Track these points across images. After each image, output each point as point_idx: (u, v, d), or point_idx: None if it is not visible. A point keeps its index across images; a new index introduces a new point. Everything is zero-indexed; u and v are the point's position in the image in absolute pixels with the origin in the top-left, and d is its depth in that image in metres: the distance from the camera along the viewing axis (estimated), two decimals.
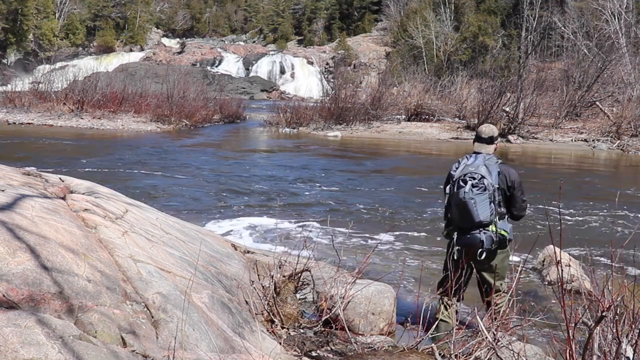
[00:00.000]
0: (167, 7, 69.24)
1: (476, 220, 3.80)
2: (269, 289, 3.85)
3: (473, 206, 3.79)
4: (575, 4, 38.56)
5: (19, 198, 3.12)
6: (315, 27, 64.75)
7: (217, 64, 54.32)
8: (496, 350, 3.01)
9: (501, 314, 3.46)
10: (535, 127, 21.67)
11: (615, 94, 25.14)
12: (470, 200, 3.79)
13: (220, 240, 5.00)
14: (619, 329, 2.56)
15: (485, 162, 3.93)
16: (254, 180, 11.65)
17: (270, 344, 3.17)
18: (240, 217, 8.30)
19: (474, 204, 3.79)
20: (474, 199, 3.79)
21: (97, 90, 23.83)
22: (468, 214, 3.80)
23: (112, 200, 4.00)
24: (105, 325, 2.41)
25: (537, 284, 5.61)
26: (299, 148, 18.33)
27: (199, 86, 28.31)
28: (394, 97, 26.33)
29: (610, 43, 30.37)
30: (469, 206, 3.79)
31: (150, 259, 3.13)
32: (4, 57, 49.77)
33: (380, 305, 4.03)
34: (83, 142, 17.24)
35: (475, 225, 3.82)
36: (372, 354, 3.33)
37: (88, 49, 56.61)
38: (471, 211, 3.79)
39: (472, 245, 3.84)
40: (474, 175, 3.84)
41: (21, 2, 48.15)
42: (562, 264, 3.81)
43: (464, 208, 3.81)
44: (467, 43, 44.85)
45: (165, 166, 12.87)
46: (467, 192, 3.81)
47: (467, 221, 3.83)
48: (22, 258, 2.47)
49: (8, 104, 23.67)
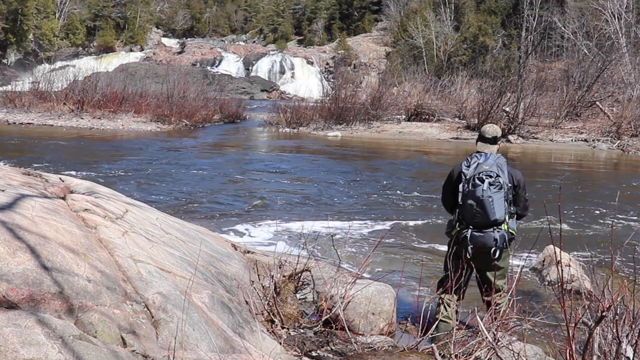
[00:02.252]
0: (167, 7, 69.27)
1: (492, 218, 3.79)
2: (269, 289, 3.85)
3: (490, 204, 3.77)
4: (575, 4, 38.57)
5: (19, 198, 3.12)
6: (316, 27, 64.78)
7: (217, 64, 54.38)
8: (496, 350, 3.01)
9: (501, 314, 3.46)
10: (535, 127, 21.67)
11: (615, 94, 25.15)
12: (488, 199, 3.78)
13: (220, 240, 5.00)
14: (619, 329, 2.56)
15: (496, 161, 3.92)
16: (254, 180, 11.66)
17: (270, 344, 3.17)
18: (240, 217, 8.30)
19: (491, 202, 3.77)
20: (491, 197, 3.78)
21: (97, 90, 23.85)
22: (485, 212, 3.79)
23: (112, 200, 3.99)
24: (106, 325, 2.41)
25: (537, 284, 5.61)
26: (299, 148, 18.33)
27: (199, 86, 28.34)
28: (394, 97, 26.33)
29: (610, 43, 30.38)
30: (486, 204, 3.78)
31: (150, 259, 3.13)
32: (4, 57, 49.80)
33: (381, 305, 4.03)
34: (83, 142, 17.24)
35: (490, 223, 3.81)
36: (372, 354, 3.33)
37: (88, 49, 56.66)
38: (488, 209, 3.78)
39: (486, 244, 3.82)
40: (490, 174, 3.82)
41: (21, 2, 48.18)
42: (562, 264, 3.81)
43: (482, 206, 3.79)
44: (467, 43, 44.88)
45: (165, 166, 12.87)
46: (485, 190, 3.79)
47: (483, 219, 3.81)
48: (22, 258, 2.47)
49: (8, 104, 23.70)
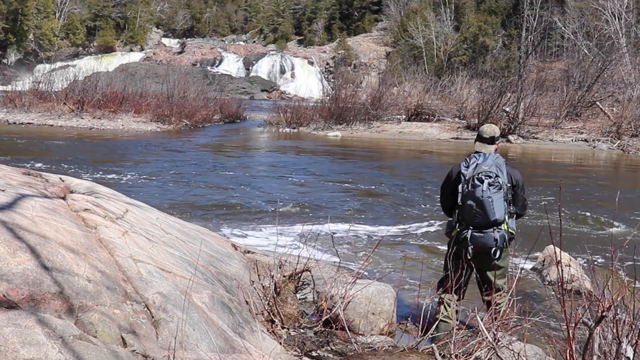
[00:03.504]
0: (167, 7, 69.29)
1: (492, 218, 3.79)
2: (269, 289, 3.84)
3: (490, 205, 3.78)
4: (576, 4, 38.56)
5: (19, 198, 3.12)
6: (316, 27, 64.80)
7: (217, 64, 54.40)
8: (496, 350, 3.01)
9: (501, 314, 3.46)
10: (535, 127, 21.68)
11: (616, 94, 25.16)
12: (487, 199, 3.78)
13: (221, 240, 4.99)
14: (619, 329, 2.56)
15: (495, 161, 3.93)
16: (254, 180, 11.66)
17: (270, 344, 3.17)
18: (241, 217, 8.30)
19: (491, 203, 3.78)
20: (491, 197, 3.78)
21: (97, 90, 23.84)
22: (485, 212, 3.79)
23: (112, 200, 3.99)
24: (106, 325, 2.41)
25: (537, 284, 5.61)
26: (299, 148, 18.33)
27: (199, 86, 28.35)
28: (394, 97, 26.34)
29: (611, 43, 30.39)
30: (486, 205, 3.78)
31: (150, 258, 3.13)
32: (4, 57, 49.83)
33: (381, 305, 4.03)
34: (83, 142, 17.24)
35: (490, 224, 3.81)
36: (372, 354, 3.33)
37: (88, 49, 56.69)
38: (488, 210, 3.78)
39: (486, 245, 3.83)
40: (489, 174, 3.83)
41: (21, 2, 48.20)
42: (562, 264, 3.81)
43: (482, 206, 3.80)
44: (468, 43, 44.88)
45: (165, 166, 12.87)
46: (484, 190, 3.79)
47: (483, 220, 3.82)
48: (22, 258, 2.47)
49: (8, 103, 23.68)
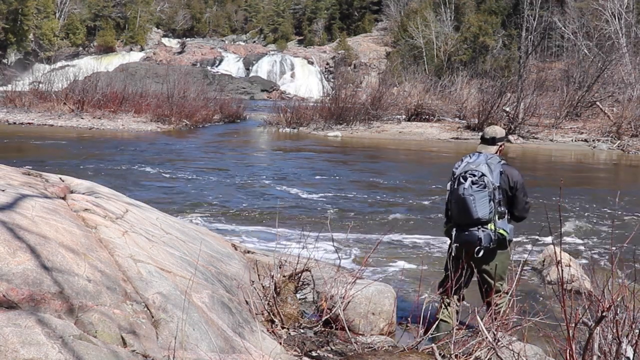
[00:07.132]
0: (167, 7, 69.25)
1: (474, 217, 3.80)
2: (269, 289, 3.84)
3: (472, 203, 3.79)
4: (576, 4, 38.56)
5: (19, 198, 3.12)
6: (316, 27, 64.77)
7: (218, 64, 54.38)
8: (496, 350, 3.01)
9: (501, 314, 3.46)
10: (535, 127, 21.67)
11: (616, 94, 25.14)
12: (469, 197, 3.80)
13: (221, 240, 4.99)
14: (619, 329, 2.56)
15: (487, 160, 3.92)
16: (254, 180, 11.65)
17: (270, 344, 3.17)
18: (241, 217, 8.30)
19: (472, 201, 3.79)
20: (473, 195, 3.80)
21: (98, 90, 23.83)
22: (467, 210, 3.81)
23: (112, 200, 3.99)
24: (106, 325, 2.41)
25: (537, 284, 5.61)
26: (299, 148, 18.33)
27: (199, 86, 28.34)
28: (394, 97, 26.33)
29: (611, 43, 30.38)
30: (467, 203, 3.80)
31: (150, 258, 3.13)
32: (4, 57, 49.80)
33: (381, 305, 4.03)
34: (83, 142, 17.25)
35: (473, 222, 3.82)
36: (372, 354, 3.33)
37: (88, 49, 56.67)
38: (470, 208, 3.80)
39: (470, 243, 3.85)
40: (474, 173, 3.85)
41: (21, 2, 48.18)
42: (562, 264, 3.81)
43: (463, 204, 3.82)
44: (468, 43, 44.86)
45: (165, 166, 12.88)
46: (466, 188, 3.81)
47: (465, 218, 3.84)
48: (22, 258, 2.47)
49: (8, 103, 23.68)
